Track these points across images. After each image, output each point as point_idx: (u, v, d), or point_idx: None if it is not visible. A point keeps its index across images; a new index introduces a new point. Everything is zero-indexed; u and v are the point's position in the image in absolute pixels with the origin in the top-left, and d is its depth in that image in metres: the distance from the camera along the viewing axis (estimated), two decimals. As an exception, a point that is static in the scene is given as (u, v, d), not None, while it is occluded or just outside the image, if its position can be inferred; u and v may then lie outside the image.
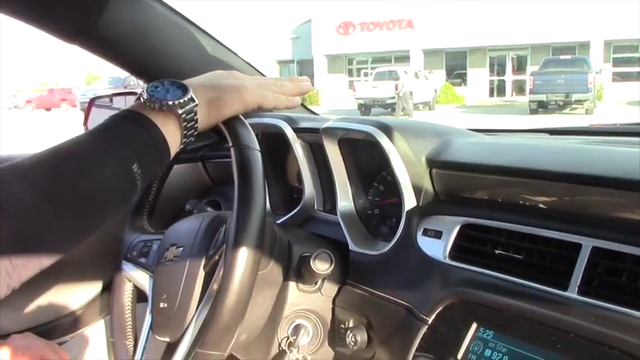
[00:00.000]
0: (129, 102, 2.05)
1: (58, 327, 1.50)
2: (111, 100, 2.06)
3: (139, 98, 0.82)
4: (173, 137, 0.81)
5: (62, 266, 1.46)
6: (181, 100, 0.81)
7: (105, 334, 1.32)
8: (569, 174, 0.89)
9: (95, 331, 1.34)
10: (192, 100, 0.82)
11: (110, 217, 0.76)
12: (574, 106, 18.13)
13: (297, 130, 1.31)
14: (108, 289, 1.52)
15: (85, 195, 0.72)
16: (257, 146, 0.96)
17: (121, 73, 24.22)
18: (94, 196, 0.73)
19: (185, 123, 0.82)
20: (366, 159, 1.21)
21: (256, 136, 0.96)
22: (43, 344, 1.06)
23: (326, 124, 1.19)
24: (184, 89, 0.83)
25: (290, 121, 1.32)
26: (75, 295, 1.52)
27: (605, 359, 0.72)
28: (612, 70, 23.35)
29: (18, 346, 1.03)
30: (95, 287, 1.53)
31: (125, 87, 21.97)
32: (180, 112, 0.80)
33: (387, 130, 1.08)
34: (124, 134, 0.78)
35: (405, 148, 1.07)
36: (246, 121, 1.01)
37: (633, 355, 0.70)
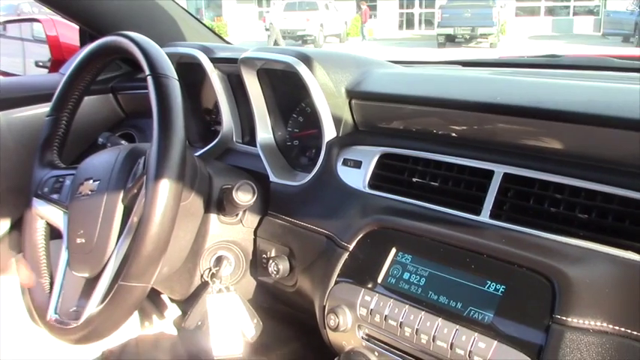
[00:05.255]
0: (24, 31, 1.94)
1: (-35, 268, 1.44)
2: (4, 29, 1.93)
3: None
4: None
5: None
6: None
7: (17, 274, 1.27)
8: (481, 103, 0.92)
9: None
10: None
11: None
12: (479, 39, 18.56)
13: (214, 60, 1.28)
14: (16, 227, 1.47)
15: None
16: (175, 75, 0.94)
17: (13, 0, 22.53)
18: None
19: None
20: (285, 90, 1.21)
21: None
22: None
23: (244, 54, 1.17)
24: None
25: (206, 50, 1.29)
26: None
27: (515, 277, 0.77)
28: (516, 4, 23.94)
29: None
30: (3, 226, 1.47)
31: (18, 14, 20.44)
32: None
33: (307, 60, 1.08)
34: None
35: (325, 79, 1.07)
36: (163, 50, 0.98)
37: (539, 272, 0.76)
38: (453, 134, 0.97)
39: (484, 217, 0.87)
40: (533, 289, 0.75)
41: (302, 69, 1.07)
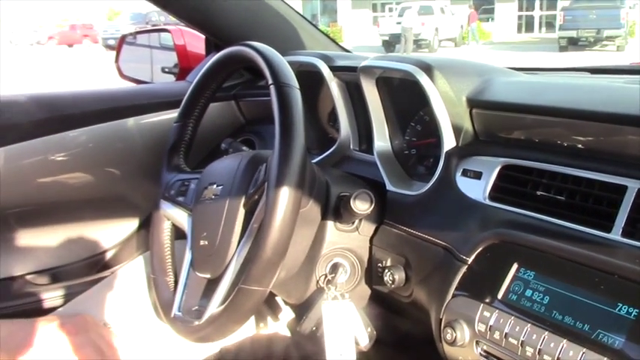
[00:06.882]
0: (152, 39, 2.05)
1: (98, 262, 1.55)
2: (134, 38, 2.05)
3: None
4: None
5: (101, 204, 1.50)
6: None
7: (144, 271, 1.35)
8: (614, 114, 0.87)
9: (134, 268, 1.37)
10: None
11: None
12: (605, 42, 17.65)
13: (334, 69, 1.29)
14: (144, 226, 1.55)
15: None
16: (297, 84, 0.96)
17: (142, 9, 23.99)
18: None
19: None
20: (404, 98, 1.20)
21: None
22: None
23: (364, 63, 1.17)
24: None
25: (326, 59, 1.31)
26: (113, 231, 1.55)
27: (650, 301, 0.72)
28: (647, 4, 22.50)
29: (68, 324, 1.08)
30: (132, 224, 1.57)
31: (147, 22, 21.76)
32: None
33: (427, 68, 1.06)
34: None
35: (446, 87, 1.05)
36: (285, 59, 1.01)
37: (677, 297, 0.70)
38: (580, 146, 0.92)
39: (615, 234, 0.82)
40: (670, 315, 0.70)
41: (422, 78, 1.06)
